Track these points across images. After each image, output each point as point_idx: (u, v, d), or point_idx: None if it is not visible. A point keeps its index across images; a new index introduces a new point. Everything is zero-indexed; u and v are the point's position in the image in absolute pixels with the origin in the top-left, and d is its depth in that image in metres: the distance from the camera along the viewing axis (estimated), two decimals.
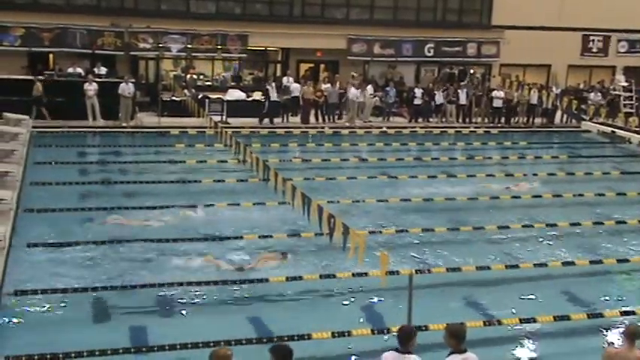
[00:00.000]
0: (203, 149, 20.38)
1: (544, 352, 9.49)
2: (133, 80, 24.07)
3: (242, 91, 26.50)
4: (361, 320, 10.10)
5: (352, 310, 10.46)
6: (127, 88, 22.98)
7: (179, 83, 26.53)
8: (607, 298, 11.16)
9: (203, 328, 9.64)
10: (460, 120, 26.94)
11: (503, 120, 27.14)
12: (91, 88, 22.89)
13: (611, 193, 17.46)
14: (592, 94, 28.84)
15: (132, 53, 26.45)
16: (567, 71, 32.22)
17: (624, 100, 29.66)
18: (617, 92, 30.04)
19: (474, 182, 18.16)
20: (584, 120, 27.68)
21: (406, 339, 6.70)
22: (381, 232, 13.74)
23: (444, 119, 26.87)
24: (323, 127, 24.65)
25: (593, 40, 32.24)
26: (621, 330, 7.52)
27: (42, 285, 10.51)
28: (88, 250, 12.23)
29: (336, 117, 25.96)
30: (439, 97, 26.76)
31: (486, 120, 27.17)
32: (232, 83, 27.87)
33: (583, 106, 27.90)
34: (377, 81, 28.27)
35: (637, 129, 25.50)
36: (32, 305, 10.05)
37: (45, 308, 9.99)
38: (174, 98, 25.07)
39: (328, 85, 26.20)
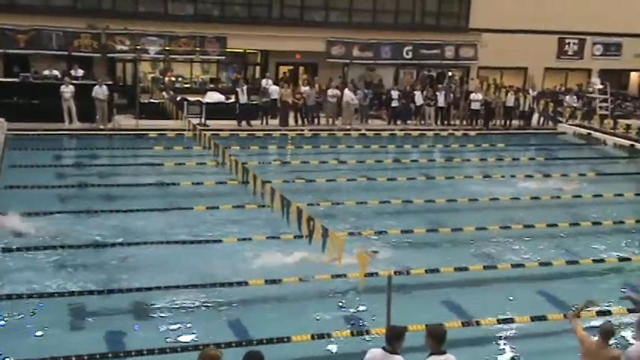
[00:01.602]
0: (182, 152, 20.29)
1: (522, 352, 9.55)
2: (110, 82, 23.92)
3: (221, 93, 26.41)
4: (341, 322, 10.11)
5: (332, 312, 10.46)
6: (100, 91, 22.80)
7: (157, 85, 26.39)
8: (583, 297, 11.21)
9: (182, 332, 9.60)
10: (438, 122, 27.09)
11: (481, 122, 27.35)
12: (67, 90, 22.70)
13: (588, 195, 17.66)
14: (568, 97, 29.16)
15: (109, 55, 26.27)
16: (544, 74, 32.56)
17: (599, 103, 30.05)
18: (592, 95, 30.43)
19: (452, 184, 18.29)
20: (561, 122, 27.98)
21: (395, 339, 6.70)
22: (360, 233, 13.77)
23: (422, 121, 27.00)
24: (303, 130, 24.65)
25: (569, 43, 32.61)
26: (597, 329, 7.61)
27: (18, 290, 10.41)
28: (66, 254, 12.12)
29: (315, 119, 25.98)
30: (419, 99, 26.90)
31: (464, 122, 27.35)
32: (211, 85, 27.78)
33: (559, 109, 28.22)
34: (356, 84, 28.34)
35: (612, 131, 25.82)
36: (7, 310, 9.91)
37: (21, 313, 9.85)
38: (152, 100, 24.94)
39: (307, 87, 26.20)
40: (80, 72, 24.76)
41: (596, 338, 7.38)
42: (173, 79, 27.73)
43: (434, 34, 29.82)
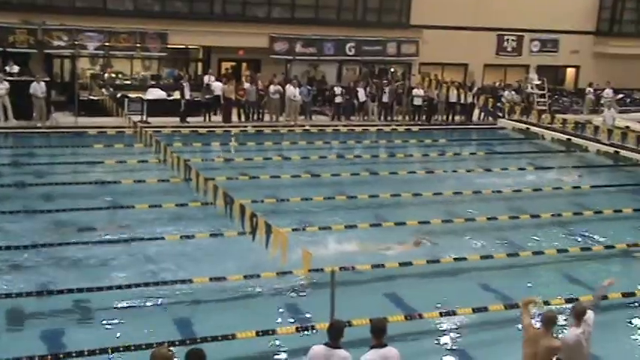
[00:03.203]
0: (123, 149, 19.92)
1: (464, 344, 9.73)
2: (47, 79, 23.29)
3: (162, 89, 26.02)
4: (286, 318, 10.11)
5: (277, 308, 10.45)
6: (39, 88, 22.16)
7: (97, 82, 25.82)
8: (523, 289, 11.52)
9: (124, 331, 9.44)
10: (382, 118, 27.31)
11: (424, 118, 27.69)
12: (2, 87, 22.03)
13: (527, 188, 18.07)
14: (507, 92, 29.79)
15: (46, 51, 25.54)
16: (483, 70, 33.16)
17: (537, 98, 30.82)
18: (530, 90, 31.17)
19: (396, 179, 18.48)
20: (500, 117, 28.57)
21: (337, 334, 6.75)
22: (304, 229, 13.78)
23: (365, 117, 27.19)
24: (246, 127, 24.49)
25: (507, 40, 33.29)
26: (538, 317, 7.83)
27: None
28: (3, 254, 11.79)
29: (259, 116, 25.86)
30: (362, 95, 27.06)
31: (407, 118, 27.65)
32: (152, 82, 27.35)
33: (499, 104, 28.82)
34: (299, 80, 28.29)
35: (549, 125, 26.51)
36: None
37: None
38: (91, 97, 24.42)
39: (249, 83, 26.05)
40: (16, 68, 24.02)
41: (538, 326, 7.59)
42: (113, 75, 27.17)
43: (376, 31, 30.00)
